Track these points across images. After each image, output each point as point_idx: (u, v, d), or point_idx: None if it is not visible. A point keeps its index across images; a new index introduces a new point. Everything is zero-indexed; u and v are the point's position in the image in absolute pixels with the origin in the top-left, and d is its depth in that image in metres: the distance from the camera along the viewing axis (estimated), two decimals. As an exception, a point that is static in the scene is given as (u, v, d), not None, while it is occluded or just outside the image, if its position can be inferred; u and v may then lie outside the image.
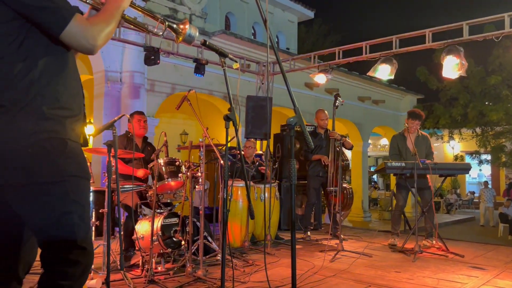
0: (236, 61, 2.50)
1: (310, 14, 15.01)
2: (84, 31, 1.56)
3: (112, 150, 2.91)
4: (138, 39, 6.66)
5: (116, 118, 2.93)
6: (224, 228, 2.38)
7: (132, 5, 1.84)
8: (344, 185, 6.02)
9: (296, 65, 8.24)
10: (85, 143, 1.73)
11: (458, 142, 16.70)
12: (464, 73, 5.81)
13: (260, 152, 6.78)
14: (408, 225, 7.44)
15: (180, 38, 2.00)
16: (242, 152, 5.94)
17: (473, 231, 12.27)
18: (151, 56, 6.04)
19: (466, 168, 5.55)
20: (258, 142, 7.90)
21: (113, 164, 3.12)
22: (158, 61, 6.07)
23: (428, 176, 5.47)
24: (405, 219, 7.26)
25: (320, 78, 7.24)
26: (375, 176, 22.61)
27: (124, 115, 3.21)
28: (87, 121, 9.32)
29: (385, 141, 17.00)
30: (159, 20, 1.98)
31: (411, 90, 14.14)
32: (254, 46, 9.17)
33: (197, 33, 2.02)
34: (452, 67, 5.84)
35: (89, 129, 9.18)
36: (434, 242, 5.53)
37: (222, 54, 2.39)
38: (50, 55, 1.59)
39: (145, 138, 4.85)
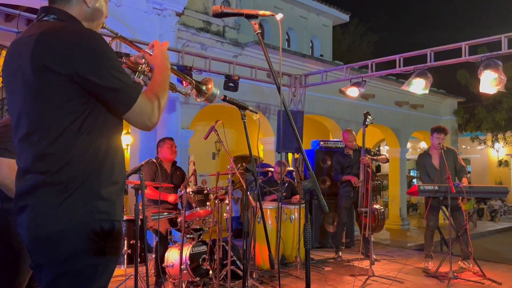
0: (256, 112, 2.53)
1: (345, 17, 14.67)
2: (146, 109, 1.51)
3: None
4: (172, 58, 6.81)
5: (143, 163, 3.03)
6: (244, 276, 2.42)
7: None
8: (375, 206, 5.94)
9: (329, 75, 8.19)
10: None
11: (503, 146, 15.99)
12: (503, 88, 5.60)
13: (291, 168, 6.78)
14: (445, 242, 7.21)
15: (202, 99, 2.06)
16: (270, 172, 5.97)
17: (519, 240, 11.69)
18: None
19: (504, 192, 5.32)
20: (290, 155, 7.92)
21: (145, 195, 3.24)
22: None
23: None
24: (441, 236, 7.05)
25: (353, 92, 7.14)
26: (415, 180, 21.96)
27: (150, 159, 3.33)
28: (125, 131, 9.65)
29: (424, 145, 16.48)
30: (187, 81, 2.08)
31: (451, 93, 13.62)
32: (287, 55, 9.15)
33: (219, 92, 2.10)
34: (489, 82, 5.64)
35: (127, 139, 9.50)
36: (470, 265, 5.35)
37: (242, 107, 2.43)
38: (109, 130, 1.53)
39: (174, 163, 4.96)
